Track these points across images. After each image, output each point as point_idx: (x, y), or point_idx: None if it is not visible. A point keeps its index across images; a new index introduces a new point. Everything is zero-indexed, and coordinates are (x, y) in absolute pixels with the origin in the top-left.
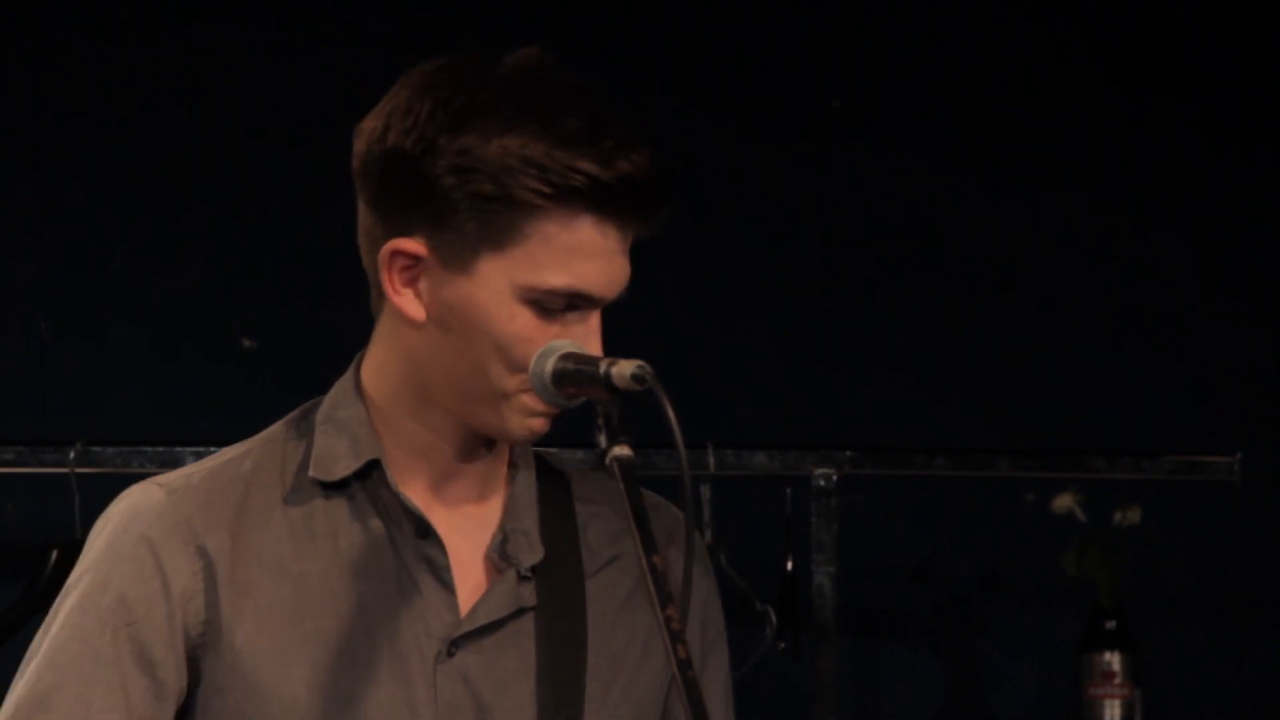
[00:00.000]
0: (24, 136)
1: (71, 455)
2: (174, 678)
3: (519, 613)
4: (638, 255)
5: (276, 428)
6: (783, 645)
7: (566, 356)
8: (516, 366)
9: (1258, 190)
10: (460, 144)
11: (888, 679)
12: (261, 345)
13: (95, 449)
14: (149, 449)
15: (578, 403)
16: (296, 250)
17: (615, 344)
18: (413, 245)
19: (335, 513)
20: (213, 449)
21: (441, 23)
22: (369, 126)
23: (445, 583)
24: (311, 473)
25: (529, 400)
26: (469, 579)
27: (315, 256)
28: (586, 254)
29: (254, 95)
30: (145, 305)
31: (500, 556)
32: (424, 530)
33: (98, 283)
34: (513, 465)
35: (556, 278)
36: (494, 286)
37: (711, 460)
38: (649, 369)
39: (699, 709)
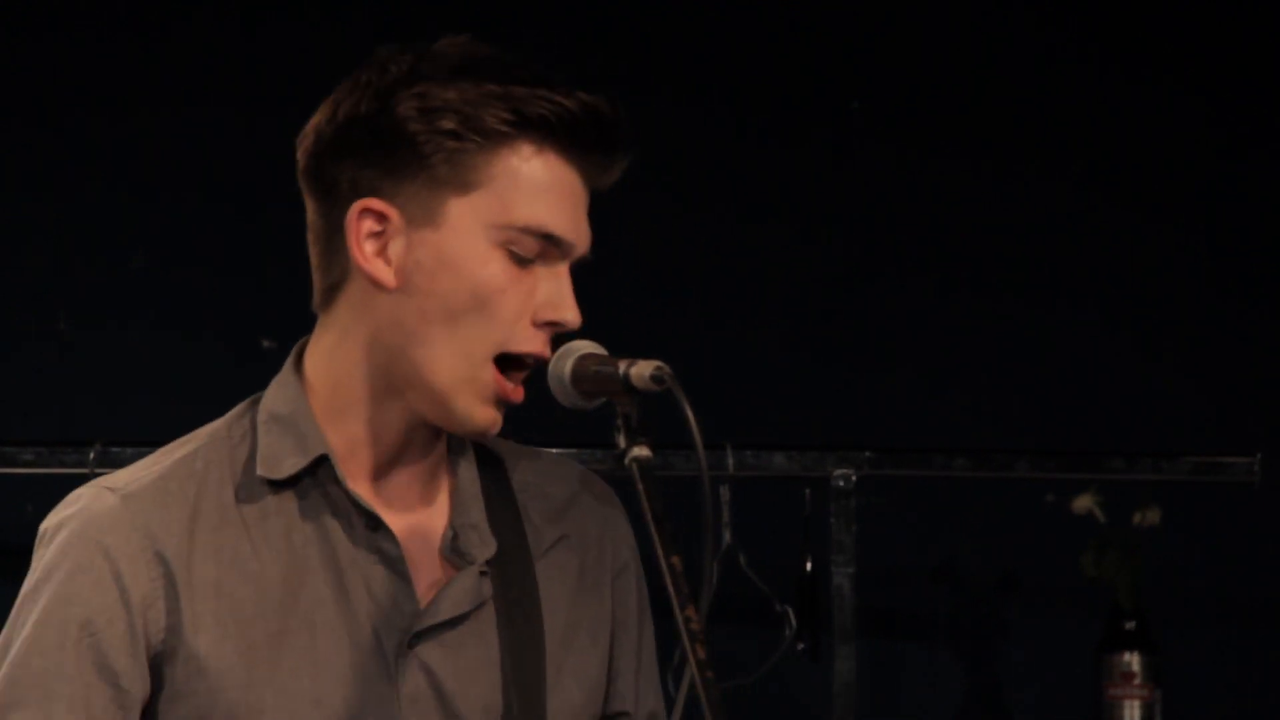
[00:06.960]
0: (42, 135)
1: (91, 456)
2: (137, 686)
3: (479, 606)
4: (656, 256)
5: (219, 424)
6: (802, 646)
7: (585, 357)
8: (491, 322)
9: (1277, 190)
10: (418, 89)
11: (907, 679)
12: (281, 345)
13: (115, 449)
14: None
15: (597, 404)
16: None
17: (634, 344)
18: (380, 204)
19: (287, 510)
20: None
21: (458, 22)
22: (312, 123)
23: (401, 574)
24: (260, 471)
25: (491, 380)
26: (425, 576)
27: None
28: (554, 191)
29: (274, 93)
30: (164, 305)
31: (454, 552)
32: (374, 523)
33: (117, 282)
34: (452, 458)
35: (526, 214)
36: (465, 231)
37: (730, 461)
38: (668, 370)
39: (718, 711)
